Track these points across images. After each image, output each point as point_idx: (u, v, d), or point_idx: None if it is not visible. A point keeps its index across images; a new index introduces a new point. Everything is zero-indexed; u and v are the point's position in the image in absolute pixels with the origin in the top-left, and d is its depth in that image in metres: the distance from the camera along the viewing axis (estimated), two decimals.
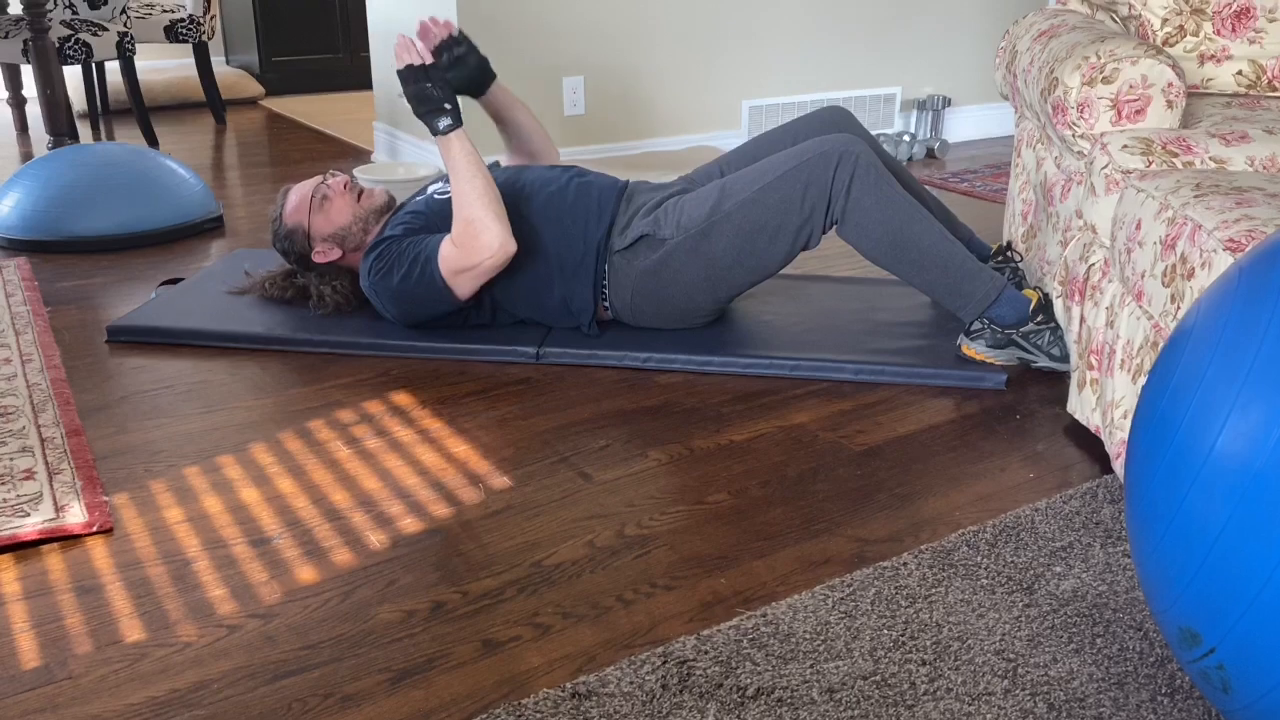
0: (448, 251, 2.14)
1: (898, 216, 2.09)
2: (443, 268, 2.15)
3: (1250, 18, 2.22)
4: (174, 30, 4.69)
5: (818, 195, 2.10)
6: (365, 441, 1.90)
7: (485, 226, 2.10)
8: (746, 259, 2.17)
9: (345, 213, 2.35)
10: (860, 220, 2.10)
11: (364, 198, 2.38)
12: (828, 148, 2.11)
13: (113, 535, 1.60)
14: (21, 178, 3.05)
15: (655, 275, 2.21)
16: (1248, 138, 1.88)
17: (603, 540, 1.60)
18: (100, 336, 2.36)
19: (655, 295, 2.23)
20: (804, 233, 2.14)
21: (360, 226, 2.36)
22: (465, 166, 2.13)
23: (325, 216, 2.35)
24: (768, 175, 2.14)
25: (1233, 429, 0.96)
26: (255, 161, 4.19)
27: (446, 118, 2.14)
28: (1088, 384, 1.88)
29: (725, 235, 2.15)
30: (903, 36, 4.34)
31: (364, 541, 1.60)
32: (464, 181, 2.12)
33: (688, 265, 2.18)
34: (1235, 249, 1.40)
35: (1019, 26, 2.47)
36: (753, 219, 2.14)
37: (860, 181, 2.08)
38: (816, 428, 1.96)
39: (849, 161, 2.08)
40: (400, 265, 2.19)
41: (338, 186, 2.37)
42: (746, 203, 2.14)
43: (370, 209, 2.37)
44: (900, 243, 2.10)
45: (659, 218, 2.21)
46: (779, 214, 2.13)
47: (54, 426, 1.91)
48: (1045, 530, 1.61)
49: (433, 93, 2.13)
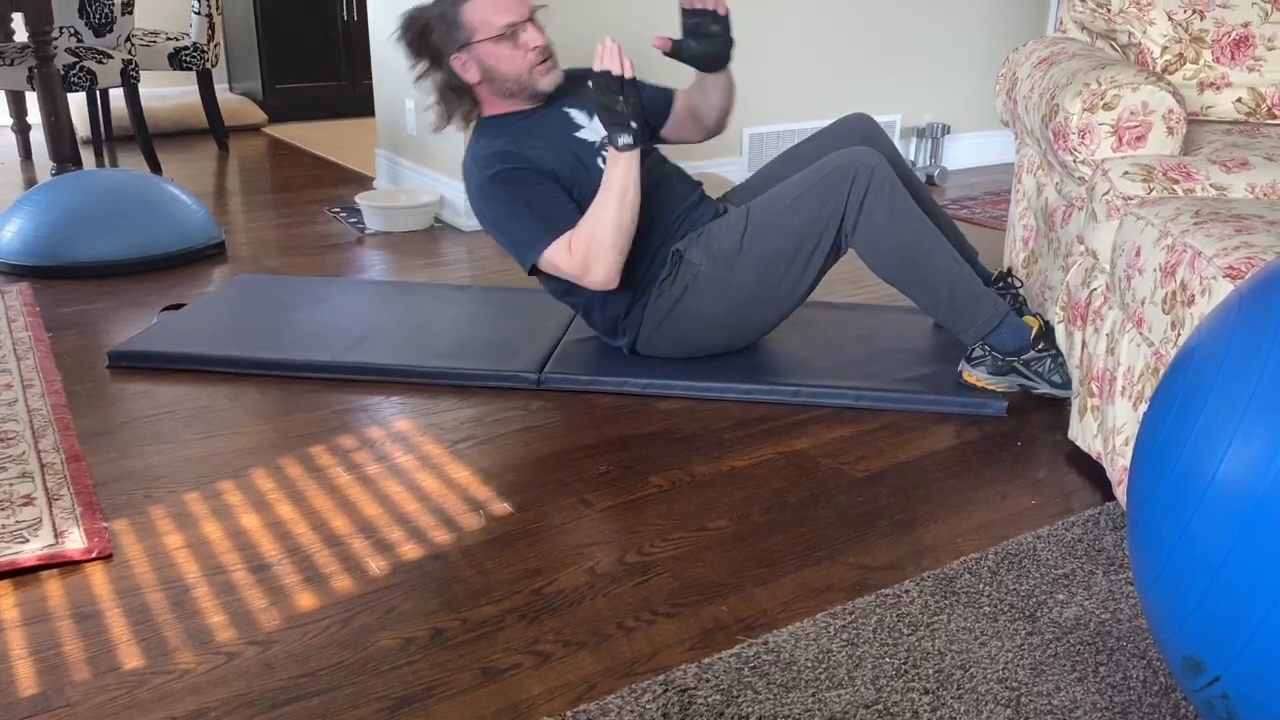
0: (560, 251, 2.10)
1: (910, 233, 2.09)
2: (546, 255, 2.11)
3: (1249, 46, 2.24)
4: (178, 58, 4.71)
5: (833, 211, 2.10)
6: (366, 467, 1.90)
7: (603, 256, 2.08)
8: (770, 290, 2.17)
9: (517, 64, 2.18)
10: (872, 234, 2.10)
11: (541, 68, 2.20)
12: (844, 161, 2.10)
13: (112, 561, 1.60)
14: (25, 204, 3.06)
15: (683, 313, 2.21)
16: (1248, 164, 1.89)
17: (604, 567, 1.59)
18: (101, 362, 2.36)
19: (677, 332, 2.23)
20: (822, 253, 2.14)
21: (513, 86, 2.20)
22: (621, 189, 2.06)
23: (498, 48, 2.16)
24: (786, 198, 2.13)
25: (1235, 456, 0.95)
26: (257, 188, 4.21)
27: (628, 135, 2.03)
28: (1089, 410, 1.88)
29: (749, 265, 2.15)
30: (902, 65, 4.37)
31: (364, 568, 1.59)
32: (613, 204, 2.06)
33: (712, 297, 2.18)
34: (1235, 276, 1.40)
35: (1019, 54, 2.49)
36: (776, 247, 2.13)
37: (874, 195, 2.07)
38: (818, 454, 1.95)
39: (864, 175, 2.08)
40: (515, 202, 2.12)
41: (533, 40, 2.17)
42: (769, 228, 2.13)
43: (535, 84, 2.21)
44: (910, 259, 2.10)
45: (693, 241, 2.21)
46: (799, 238, 2.12)
47: (54, 452, 1.91)
48: (1047, 557, 1.60)
49: (622, 108, 2.01)
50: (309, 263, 3.15)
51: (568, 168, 2.19)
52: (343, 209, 3.79)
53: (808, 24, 4.08)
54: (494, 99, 2.25)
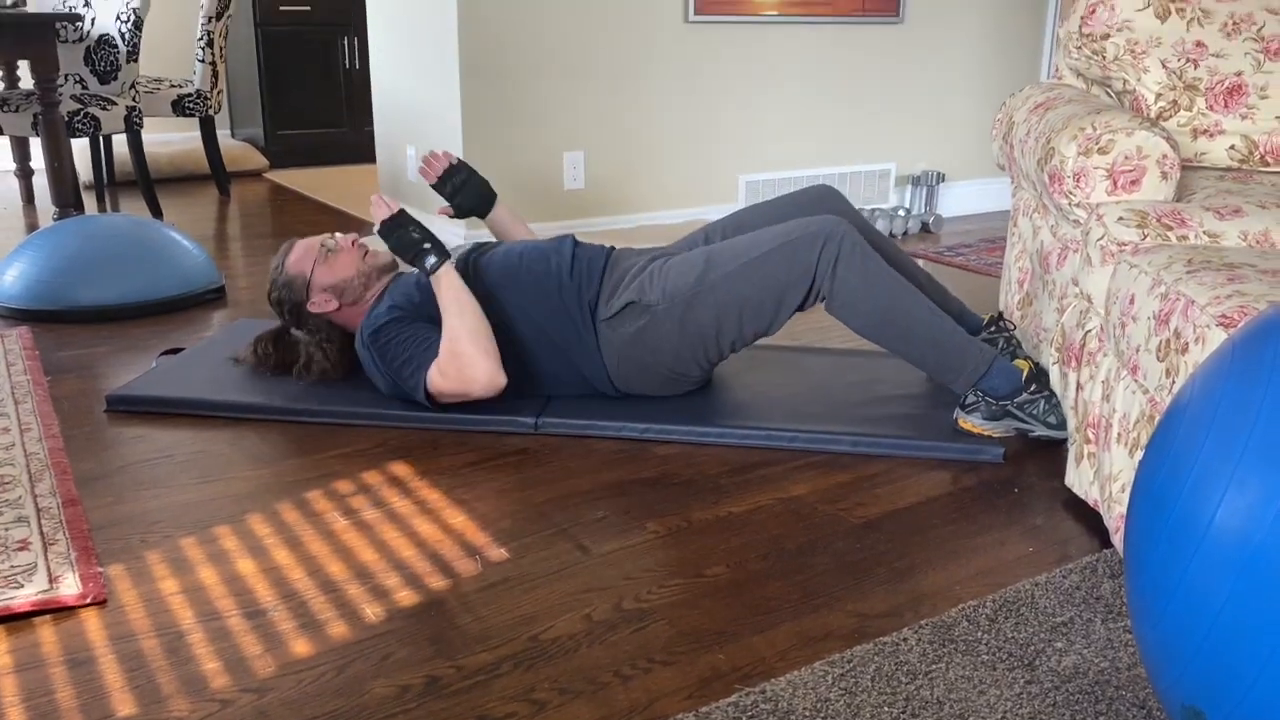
0: (436, 378, 2.16)
1: (885, 294, 2.12)
2: (430, 387, 2.18)
3: (1242, 94, 2.26)
4: (181, 104, 4.76)
5: (801, 274, 2.13)
6: (363, 513, 1.89)
7: (474, 362, 2.14)
8: (729, 331, 2.21)
9: (349, 266, 2.38)
10: (847, 299, 2.13)
11: (369, 256, 2.41)
12: (814, 228, 2.14)
13: (106, 607, 1.59)
14: (26, 248, 3.07)
15: (640, 342, 2.23)
16: (1241, 212, 1.90)
17: (600, 614, 1.59)
18: (100, 406, 2.36)
19: (640, 361, 2.25)
20: (784, 310, 2.18)
21: (362, 281, 2.38)
22: (454, 302, 2.17)
23: (329, 267, 2.37)
24: (753, 251, 2.17)
25: (1230, 504, 0.95)
26: (258, 233, 4.23)
27: (431, 255, 2.21)
28: (1085, 457, 1.88)
29: (709, 306, 2.18)
30: (896, 115, 4.42)
31: (359, 614, 1.58)
32: (454, 316, 2.16)
33: (672, 333, 2.21)
34: (1228, 325, 1.41)
35: (1016, 99, 2.52)
36: (736, 293, 2.17)
37: (845, 261, 2.12)
38: (815, 500, 1.95)
39: (834, 242, 2.12)
40: (393, 357, 2.22)
41: (345, 242, 2.41)
42: (732, 276, 2.17)
43: (374, 266, 2.40)
44: (888, 319, 2.12)
45: (644, 283, 2.23)
46: (761, 290, 2.16)
47: (50, 496, 1.91)
48: (1045, 605, 1.60)
49: (412, 235, 2.23)
50: None
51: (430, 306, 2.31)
52: None
53: (803, 73, 4.13)
54: (355, 310, 2.40)
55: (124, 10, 4.25)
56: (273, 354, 2.47)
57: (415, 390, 2.19)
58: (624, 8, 3.67)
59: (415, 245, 2.23)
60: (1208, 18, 2.28)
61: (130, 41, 4.25)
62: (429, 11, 3.56)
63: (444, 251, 2.24)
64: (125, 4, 4.26)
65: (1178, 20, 2.28)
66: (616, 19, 3.67)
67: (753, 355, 2.64)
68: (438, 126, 3.65)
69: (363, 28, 5.77)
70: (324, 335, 2.42)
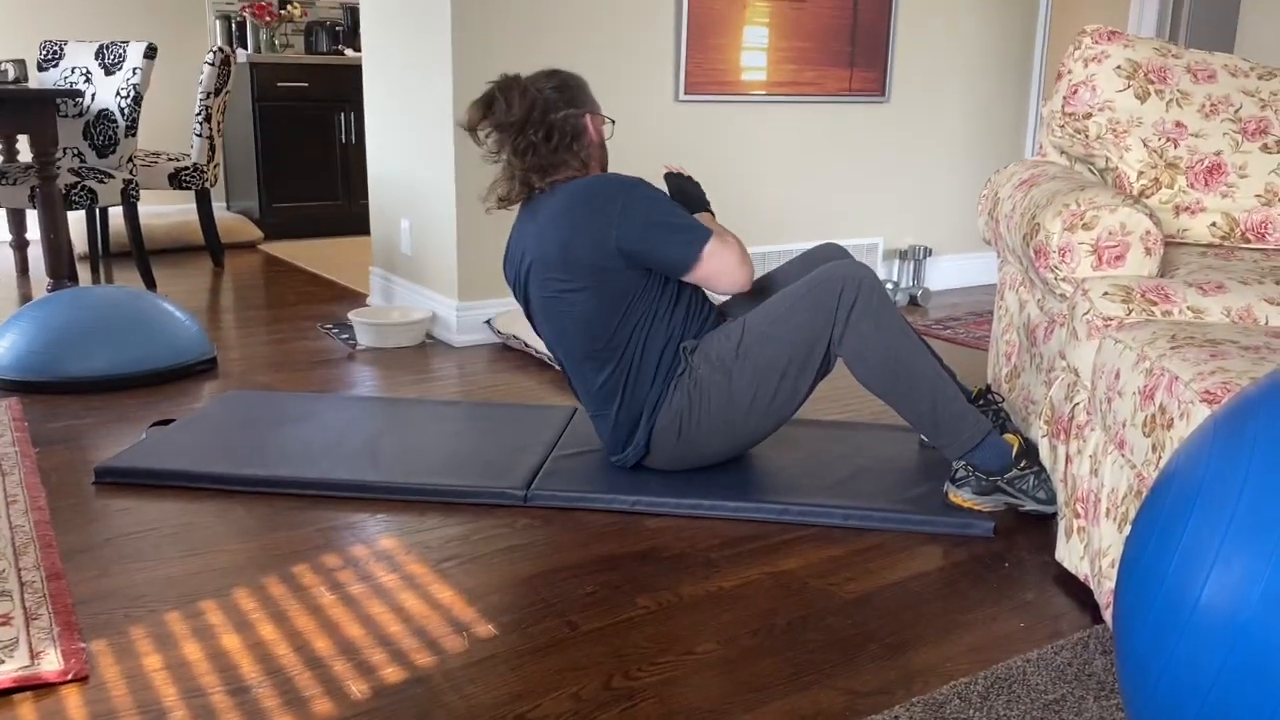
0: (716, 244, 2.17)
1: (896, 345, 2.13)
2: (708, 249, 2.16)
3: (1221, 173, 2.31)
4: (178, 178, 4.81)
5: (824, 320, 2.14)
6: (349, 586, 1.88)
7: (746, 261, 2.21)
8: (766, 399, 2.20)
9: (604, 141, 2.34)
10: (858, 345, 2.13)
11: None
12: (832, 272, 2.16)
13: (88, 684, 1.57)
14: (19, 319, 3.08)
15: (686, 411, 2.23)
16: (1224, 288, 1.93)
17: (588, 692, 1.57)
18: (88, 477, 2.35)
19: (682, 434, 2.25)
20: (814, 363, 2.18)
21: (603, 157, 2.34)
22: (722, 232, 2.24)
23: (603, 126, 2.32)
24: (781, 308, 2.19)
25: (1217, 582, 0.96)
26: (250, 304, 4.25)
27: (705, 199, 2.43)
28: (1075, 532, 1.88)
29: (747, 373, 2.19)
30: (884, 190, 4.48)
31: (345, 691, 1.56)
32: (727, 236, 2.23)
33: (713, 403, 2.21)
34: (1211, 401, 1.42)
35: (1001, 175, 2.56)
36: (771, 356, 2.17)
37: (862, 305, 2.12)
38: (806, 574, 1.94)
39: (853, 285, 2.13)
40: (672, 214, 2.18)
41: None
42: (765, 339, 2.18)
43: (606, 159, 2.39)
44: (896, 370, 2.13)
45: (698, 346, 2.24)
46: (792, 347, 2.16)
47: (34, 570, 1.89)
48: (1037, 682, 1.58)
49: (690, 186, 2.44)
50: (300, 378, 3.16)
51: None
52: (335, 325, 3.83)
53: (792, 150, 4.20)
54: (594, 167, 2.32)
55: (124, 86, 4.32)
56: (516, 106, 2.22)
57: (691, 242, 2.16)
58: (616, 87, 3.74)
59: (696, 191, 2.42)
60: (1186, 99, 2.34)
61: (129, 116, 4.31)
62: (425, 89, 3.63)
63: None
64: (126, 80, 4.32)
65: (1157, 101, 2.33)
66: (608, 98, 3.73)
67: None
68: (432, 200, 3.70)
69: (359, 104, 5.86)
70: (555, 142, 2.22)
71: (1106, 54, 2.36)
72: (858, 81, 4.25)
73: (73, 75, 4.52)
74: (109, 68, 4.44)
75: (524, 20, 3.51)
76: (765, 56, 4.00)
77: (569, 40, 3.61)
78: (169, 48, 5.99)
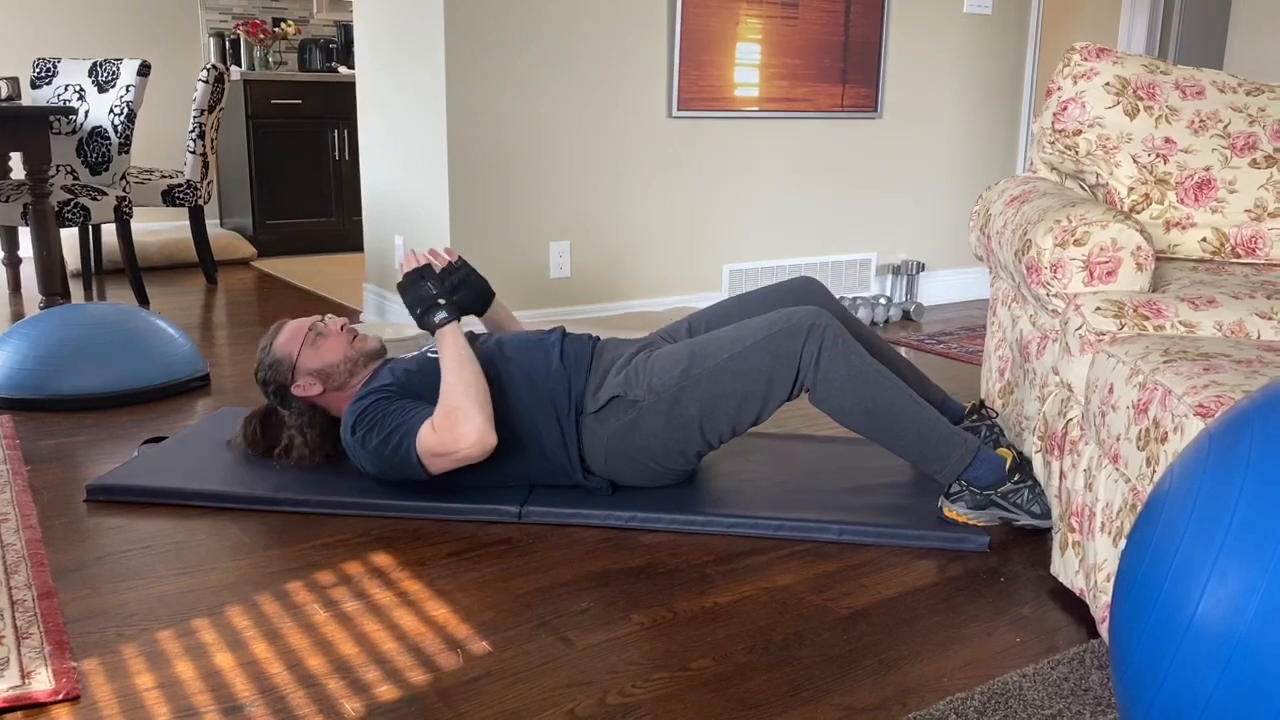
0: (427, 434, 2.14)
1: (868, 385, 2.13)
2: (420, 447, 2.15)
3: (1211, 189, 2.32)
4: (171, 195, 4.82)
5: (785, 366, 2.15)
6: (343, 604, 1.87)
7: (468, 417, 2.12)
8: (715, 425, 2.21)
9: (337, 351, 2.38)
10: (831, 391, 2.14)
11: (357, 340, 2.42)
12: (796, 320, 2.16)
13: (79, 703, 1.56)
14: (11, 337, 3.07)
15: (626, 436, 2.23)
16: (1215, 302, 1.94)
17: (584, 709, 1.56)
18: (80, 495, 2.34)
19: (626, 454, 2.25)
20: (770, 402, 2.18)
21: (348, 367, 2.38)
22: (455, 358, 2.18)
23: (316, 351, 2.37)
24: (737, 344, 2.18)
25: (1212, 596, 0.96)
26: (244, 321, 4.25)
27: (442, 312, 2.25)
28: (1070, 546, 1.88)
29: (695, 400, 2.19)
30: (876, 206, 4.50)
31: (339, 710, 1.55)
32: (452, 373, 2.16)
33: (659, 427, 2.21)
34: (1205, 414, 1.43)
35: (992, 192, 2.57)
36: (721, 386, 2.17)
37: (829, 352, 2.13)
38: (801, 590, 1.94)
39: (817, 334, 2.14)
40: (380, 431, 2.20)
41: (334, 326, 2.42)
42: (716, 369, 2.18)
43: (362, 351, 2.40)
44: (872, 410, 2.13)
45: (629, 377, 2.24)
46: (746, 382, 2.16)
47: (25, 589, 1.88)
48: (1034, 698, 1.58)
49: (431, 289, 2.28)
50: None
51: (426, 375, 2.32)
52: None
53: (785, 166, 4.22)
54: (339, 396, 2.40)
55: (118, 103, 4.32)
56: (260, 434, 2.47)
57: (406, 455, 2.16)
58: (609, 104, 3.75)
59: (430, 300, 2.26)
60: (1175, 115, 2.35)
61: (123, 133, 4.31)
62: (419, 106, 3.64)
63: (456, 312, 2.28)
64: (119, 97, 4.33)
65: (1146, 118, 2.35)
66: (602, 115, 3.74)
67: (737, 443, 2.64)
68: (425, 216, 3.70)
69: (353, 121, 5.87)
70: (306, 419, 2.42)
71: (1096, 71, 2.38)
72: (850, 98, 4.27)
73: (66, 92, 4.52)
74: (102, 85, 4.44)
75: (517, 37, 3.53)
76: (758, 73, 4.02)
77: (562, 56, 3.63)
78: (163, 65, 6.00)
